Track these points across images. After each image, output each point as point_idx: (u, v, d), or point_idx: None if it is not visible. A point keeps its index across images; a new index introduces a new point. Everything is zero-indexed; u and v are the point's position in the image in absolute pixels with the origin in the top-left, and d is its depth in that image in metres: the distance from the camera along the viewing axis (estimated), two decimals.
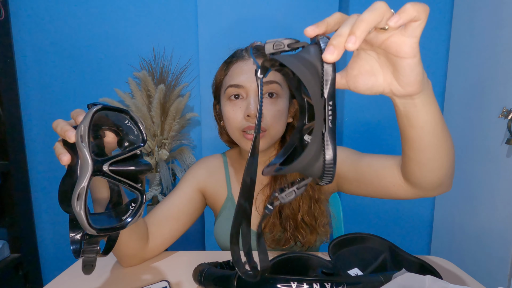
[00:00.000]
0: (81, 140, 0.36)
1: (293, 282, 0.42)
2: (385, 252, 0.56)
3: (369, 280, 0.42)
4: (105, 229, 0.39)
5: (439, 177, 0.47)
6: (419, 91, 0.34)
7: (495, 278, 1.14)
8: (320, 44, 0.28)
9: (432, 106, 0.38)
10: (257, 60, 0.58)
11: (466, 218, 1.31)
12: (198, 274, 0.49)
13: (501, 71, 1.13)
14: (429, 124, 0.39)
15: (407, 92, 0.34)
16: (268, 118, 0.63)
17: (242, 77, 0.63)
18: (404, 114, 0.39)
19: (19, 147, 1.48)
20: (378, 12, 0.27)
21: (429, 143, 0.42)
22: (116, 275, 0.57)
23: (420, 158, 0.45)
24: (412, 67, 0.32)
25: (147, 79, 1.36)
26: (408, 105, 0.37)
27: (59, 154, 0.38)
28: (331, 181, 0.29)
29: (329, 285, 0.41)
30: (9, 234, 1.47)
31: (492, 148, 1.17)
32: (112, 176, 0.39)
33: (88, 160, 0.36)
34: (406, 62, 0.31)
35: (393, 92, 0.35)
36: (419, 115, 0.38)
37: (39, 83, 1.51)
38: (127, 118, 0.42)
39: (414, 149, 0.44)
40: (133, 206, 0.42)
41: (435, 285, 0.36)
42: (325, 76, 0.27)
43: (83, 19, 1.47)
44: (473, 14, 1.30)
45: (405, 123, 0.40)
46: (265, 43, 0.31)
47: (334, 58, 0.26)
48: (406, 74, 0.32)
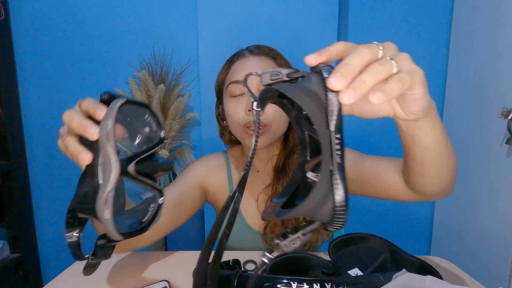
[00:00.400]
0: (107, 139, 0.31)
1: (293, 282, 0.41)
2: (385, 252, 0.56)
3: (369, 280, 0.42)
4: (128, 233, 0.35)
5: (441, 186, 0.47)
6: (423, 117, 0.34)
7: (495, 278, 1.14)
8: (323, 73, 0.26)
9: (436, 126, 0.37)
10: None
11: (466, 218, 1.31)
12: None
13: (501, 71, 1.13)
14: (432, 142, 0.39)
15: (410, 119, 0.34)
16: (269, 113, 0.63)
17: (243, 74, 0.64)
18: (407, 133, 0.39)
19: (19, 147, 1.48)
20: (387, 67, 0.27)
21: (432, 159, 0.42)
22: (116, 275, 0.57)
23: (423, 171, 0.45)
24: (418, 100, 0.31)
25: (147, 79, 1.36)
26: (412, 126, 0.37)
27: (78, 153, 0.33)
28: (342, 227, 0.26)
29: (329, 285, 0.41)
30: (9, 234, 1.47)
31: (492, 148, 1.17)
32: (136, 177, 0.35)
33: (114, 161, 0.32)
34: (413, 96, 0.30)
35: (396, 116, 0.34)
36: (423, 135, 0.38)
37: (39, 83, 1.51)
38: (148, 113, 0.38)
39: (417, 163, 0.44)
40: (152, 207, 0.39)
41: (435, 286, 0.36)
42: (330, 106, 0.25)
43: (83, 19, 1.47)
44: (473, 14, 1.30)
45: (408, 141, 0.40)
46: (262, 73, 0.29)
47: (341, 86, 0.24)
48: (411, 104, 0.31)
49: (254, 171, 0.76)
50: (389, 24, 1.50)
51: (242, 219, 0.72)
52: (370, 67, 0.27)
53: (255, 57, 0.66)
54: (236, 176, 0.76)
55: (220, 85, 0.71)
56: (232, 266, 0.55)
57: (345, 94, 0.24)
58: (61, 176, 1.57)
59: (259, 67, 0.65)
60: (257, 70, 0.63)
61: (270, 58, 0.67)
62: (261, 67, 0.65)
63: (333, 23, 1.41)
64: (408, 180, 0.51)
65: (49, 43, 1.48)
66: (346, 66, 0.25)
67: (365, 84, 0.25)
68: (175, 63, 1.50)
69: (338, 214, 0.25)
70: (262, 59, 0.66)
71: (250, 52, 0.68)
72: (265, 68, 0.64)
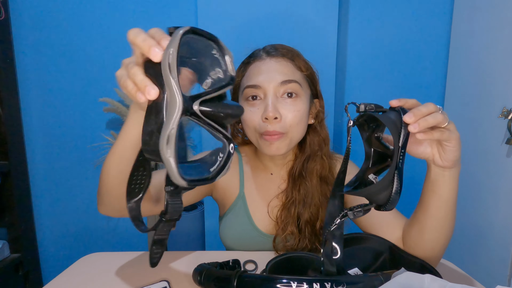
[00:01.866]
0: (169, 70, 0.28)
1: (293, 282, 0.42)
2: (386, 252, 0.56)
3: (369, 280, 0.42)
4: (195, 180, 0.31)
5: (433, 248, 0.53)
6: (452, 167, 0.46)
7: (495, 278, 1.14)
8: (401, 111, 0.41)
9: (455, 183, 0.48)
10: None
11: (466, 218, 1.31)
12: (198, 274, 0.49)
13: (501, 71, 1.13)
14: (446, 195, 0.48)
15: (443, 165, 0.46)
16: (287, 119, 0.60)
17: (260, 78, 0.61)
18: (432, 179, 0.48)
19: (19, 147, 1.48)
20: (444, 118, 0.42)
21: (440, 213, 0.50)
22: (116, 275, 0.57)
23: (427, 224, 0.51)
24: (454, 151, 0.44)
25: None
26: (439, 174, 0.47)
27: (145, 86, 0.30)
28: (392, 209, 0.41)
29: (329, 284, 0.41)
30: (9, 234, 1.47)
31: (492, 148, 1.17)
32: (201, 118, 0.32)
33: (176, 96, 0.28)
34: (450, 148, 0.44)
35: (434, 161, 0.47)
36: (443, 185, 0.48)
37: (39, 83, 1.50)
38: (215, 48, 0.34)
39: (426, 214, 0.51)
40: (221, 157, 0.35)
41: (434, 284, 0.36)
42: (403, 132, 0.40)
43: (83, 19, 1.47)
44: (473, 14, 1.30)
45: (429, 187, 0.49)
46: (360, 104, 0.43)
47: (411, 121, 0.40)
48: (448, 153, 0.44)
49: (267, 173, 0.73)
50: (389, 23, 1.50)
51: (251, 221, 0.70)
52: (434, 113, 0.41)
53: (272, 59, 0.63)
54: (249, 174, 0.73)
55: (235, 87, 0.68)
56: (232, 266, 0.55)
57: (413, 126, 0.40)
58: (61, 176, 1.57)
59: (277, 71, 0.62)
60: (275, 74, 0.61)
61: (289, 60, 0.64)
62: (279, 70, 0.62)
63: (333, 23, 1.41)
64: (407, 235, 0.56)
65: (49, 42, 1.48)
66: (417, 110, 0.41)
67: (427, 122, 0.40)
68: None
69: (392, 200, 0.40)
70: (280, 61, 0.63)
71: (267, 53, 0.64)
72: (283, 72, 0.62)
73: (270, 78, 0.61)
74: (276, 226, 0.68)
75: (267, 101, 0.60)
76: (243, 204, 0.71)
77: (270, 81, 0.61)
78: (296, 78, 0.62)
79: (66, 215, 1.59)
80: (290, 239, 0.66)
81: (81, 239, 1.61)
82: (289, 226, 0.65)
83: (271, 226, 0.70)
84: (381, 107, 0.44)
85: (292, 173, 0.69)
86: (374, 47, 1.50)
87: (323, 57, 1.44)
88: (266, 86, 0.61)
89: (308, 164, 0.68)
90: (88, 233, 1.61)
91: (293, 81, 0.61)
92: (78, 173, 1.56)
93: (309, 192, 0.66)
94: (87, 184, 1.57)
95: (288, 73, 0.62)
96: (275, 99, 0.61)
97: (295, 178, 0.68)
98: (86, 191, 1.57)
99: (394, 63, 1.52)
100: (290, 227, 0.65)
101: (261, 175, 0.74)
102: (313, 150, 0.68)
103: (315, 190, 0.67)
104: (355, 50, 1.51)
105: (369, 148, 0.47)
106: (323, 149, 0.69)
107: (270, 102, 0.59)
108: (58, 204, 1.59)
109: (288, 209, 0.66)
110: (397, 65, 1.52)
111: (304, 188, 0.66)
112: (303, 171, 0.68)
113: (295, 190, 0.67)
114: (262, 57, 0.64)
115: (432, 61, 1.53)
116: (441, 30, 1.50)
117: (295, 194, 0.66)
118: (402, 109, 0.42)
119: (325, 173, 0.68)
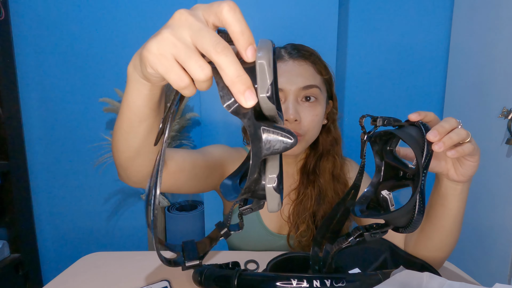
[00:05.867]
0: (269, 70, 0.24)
1: (293, 279, 0.42)
2: (386, 252, 0.56)
3: (368, 277, 0.43)
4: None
5: (436, 258, 0.53)
6: (465, 182, 0.45)
7: (495, 278, 1.14)
8: (421, 127, 0.39)
9: (464, 198, 0.47)
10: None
11: (466, 218, 1.30)
12: (198, 274, 0.49)
13: (501, 71, 1.13)
14: (455, 209, 0.47)
15: (458, 180, 0.44)
16: (305, 123, 0.61)
17: (281, 80, 0.61)
18: (443, 193, 0.47)
19: (19, 147, 1.48)
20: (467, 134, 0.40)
21: (447, 225, 0.49)
22: (116, 275, 0.57)
23: (432, 234, 0.50)
24: (473, 167, 0.42)
25: None
26: (451, 189, 0.46)
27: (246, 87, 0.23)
28: (413, 231, 0.37)
29: (329, 281, 0.41)
30: (9, 234, 1.47)
31: (492, 148, 1.17)
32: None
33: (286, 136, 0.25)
34: (470, 163, 0.42)
35: (448, 175, 0.45)
36: (453, 199, 0.46)
37: (39, 83, 1.50)
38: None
39: (432, 225, 0.50)
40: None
41: (432, 282, 0.37)
42: (426, 152, 0.37)
43: (83, 19, 1.47)
44: (473, 14, 1.30)
45: (438, 201, 0.48)
46: (378, 117, 0.40)
47: (436, 139, 0.37)
48: (466, 169, 0.43)
49: None
50: (389, 23, 1.50)
51: (260, 220, 0.70)
52: (457, 130, 0.39)
53: (294, 62, 0.63)
54: None
55: None
56: (232, 266, 0.55)
57: (438, 146, 0.37)
58: (61, 176, 1.57)
59: (299, 75, 0.61)
60: (297, 78, 0.61)
61: (311, 63, 0.64)
62: (301, 74, 0.62)
63: (333, 23, 1.41)
64: (411, 241, 0.55)
65: (49, 43, 1.48)
66: (441, 127, 0.38)
67: (451, 140, 0.38)
68: None
69: (415, 222, 0.36)
70: (302, 65, 0.63)
71: (289, 54, 0.64)
72: (305, 76, 0.61)
73: (292, 81, 0.61)
74: (287, 224, 0.68)
75: (288, 104, 0.60)
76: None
77: (292, 84, 0.60)
78: (316, 82, 0.63)
79: (66, 215, 1.59)
80: (305, 235, 0.66)
81: (81, 239, 1.61)
82: (304, 223, 0.66)
83: (279, 225, 0.70)
84: (399, 120, 0.41)
85: (306, 170, 0.69)
86: (374, 47, 1.50)
87: (323, 56, 1.43)
88: (288, 89, 0.61)
89: (321, 162, 0.69)
90: (88, 233, 1.61)
91: (314, 86, 0.62)
92: (78, 173, 1.56)
93: (323, 189, 0.67)
94: (87, 184, 1.57)
95: (310, 78, 0.62)
96: (295, 102, 0.61)
97: (309, 174, 0.69)
98: (86, 191, 1.57)
99: (394, 63, 1.52)
100: (305, 224, 0.66)
101: None
102: (326, 148, 0.69)
103: (329, 187, 0.68)
104: (355, 50, 1.51)
105: (380, 161, 0.44)
106: (335, 148, 0.70)
107: (291, 105, 0.60)
108: (58, 204, 1.59)
109: (303, 204, 0.67)
110: (397, 65, 1.52)
111: (318, 184, 0.67)
112: (316, 168, 0.68)
113: (310, 187, 0.67)
114: (284, 58, 0.64)
115: (432, 61, 1.53)
116: (441, 30, 1.50)
117: (310, 190, 0.67)
118: (423, 124, 0.39)
119: (337, 172, 0.69)
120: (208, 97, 1.46)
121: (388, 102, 1.54)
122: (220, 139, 1.46)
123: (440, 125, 0.38)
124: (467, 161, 0.42)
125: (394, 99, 1.54)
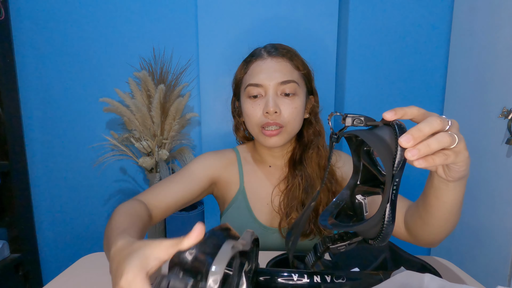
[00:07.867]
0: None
1: (294, 274, 0.42)
2: (386, 252, 0.56)
3: (369, 276, 0.43)
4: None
5: (436, 239, 0.52)
6: (457, 181, 0.41)
7: (495, 278, 1.14)
8: (396, 130, 0.32)
9: (461, 190, 0.43)
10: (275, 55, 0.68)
11: (466, 218, 1.31)
12: None
13: (501, 71, 1.13)
14: (450, 202, 0.44)
15: (447, 180, 0.40)
16: (285, 115, 0.66)
17: (261, 76, 0.66)
18: (435, 186, 0.43)
19: (19, 147, 1.48)
20: (452, 140, 0.33)
21: (444, 215, 0.46)
22: None
23: (429, 221, 0.49)
24: (460, 171, 0.38)
25: (147, 79, 1.36)
26: (443, 183, 0.42)
27: None
28: (383, 243, 0.33)
29: (329, 277, 0.41)
30: (9, 234, 1.47)
31: (492, 148, 1.17)
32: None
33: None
34: (456, 169, 0.37)
35: (437, 173, 0.41)
36: (446, 193, 0.43)
37: (39, 83, 1.50)
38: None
39: (428, 213, 0.48)
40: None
41: (433, 283, 0.36)
42: (398, 158, 0.31)
43: (83, 19, 1.47)
44: (473, 14, 1.30)
45: (431, 192, 0.45)
46: (346, 116, 0.35)
47: (409, 145, 0.30)
48: (453, 172, 0.38)
49: (265, 166, 0.77)
50: (389, 24, 1.50)
51: (252, 214, 0.73)
52: (439, 135, 0.32)
53: (273, 59, 0.68)
54: (247, 169, 0.77)
55: (237, 83, 0.73)
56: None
57: (411, 153, 0.30)
58: (61, 176, 1.57)
59: (277, 71, 0.66)
60: (275, 73, 0.66)
61: (288, 60, 0.68)
62: (279, 70, 0.67)
63: (333, 24, 1.41)
64: (410, 222, 0.54)
65: (49, 43, 1.48)
66: (418, 131, 0.31)
67: (429, 148, 0.31)
68: (175, 63, 1.49)
69: (384, 235, 0.32)
70: (280, 61, 0.68)
71: (268, 53, 0.69)
72: (283, 72, 0.66)
73: (270, 77, 0.66)
74: (277, 216, 0.71)
75: (268, 97, 0.66)
76: (243, 198, 0.74)
77: (271, 80, 0.65)
78: (294, 77, 0.67)
79: (66, 215, 1.59)
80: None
81: (81, 239, 1.61)
82: (294, 211, 0.68)
83: (271, 218, 0.73)
84: (373, 120, 0.34)
85: (293, 160, 0.73)
86: (374, 47, 1.50)
87: (323, 56, 1.44)
88: (267, 84, 0.66)
89: (307, 153, 0.72)
90: (88, 233, 1.61)
91: (292, 81, 0.66)
92: (78, 173, 1.56)
93: (310, 178, 0.70)
94: (87, 184, 1.56)
95: (287, 73, 0.67)
96: (275, 96, 0.66)
97: (296, 165, 0.72)
98: (86, 191, 1.57)
99: (394, 62, 1.52)
100: (295, 211, 0.68)
101: (260, 169, 0.77)
102: (310, 139, 0.73)
103: (316, 176, 0.71)
104: (355, 49, 1.51)
105: (358, 162, 0.39)
106: (318, 139, 0.74)
107: (271, 98, 0.65)
108: (58, 204, 1.59)
109: (292, 193, 0.70)
110: (397, 64, 1.52)
111: (305, 173, 0.70)
112: (302, 159, 0.72)
113: (296, 178, 0.70)
114: (263, 56, 0.69)
115: (432, 61, 1.52)
116: (441, 30, 1.50)
117: (297, 180, 0.70)
118: (398, 125, 0.32)
119: (323, 163, 0.72)
120: (208, 97, 1.46)
121: (388, 102, 1.54)
122: (220, 139, 1.46)
123: (417, 128, 0.31)
124: (453, 167, 0.37)
125: (394, 99, 1.54)
